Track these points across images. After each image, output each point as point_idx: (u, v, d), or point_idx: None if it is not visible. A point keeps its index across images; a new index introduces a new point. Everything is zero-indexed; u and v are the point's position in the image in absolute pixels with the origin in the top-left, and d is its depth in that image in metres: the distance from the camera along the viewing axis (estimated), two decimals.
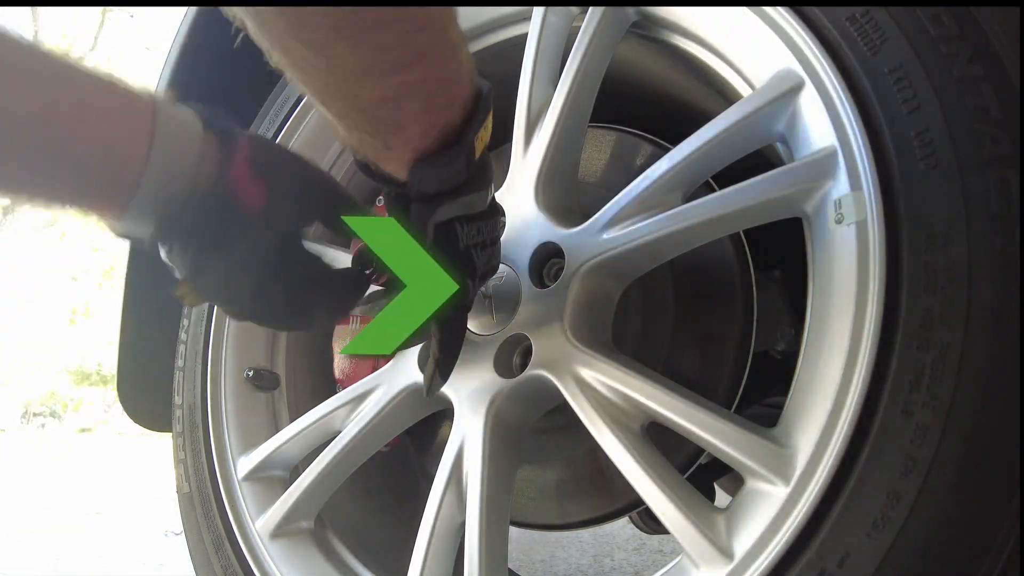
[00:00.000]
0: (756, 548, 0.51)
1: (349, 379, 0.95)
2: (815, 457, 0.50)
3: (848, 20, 0.57)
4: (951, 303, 0.48)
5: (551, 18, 0.80)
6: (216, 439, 0.90)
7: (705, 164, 0.66)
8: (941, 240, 0.49)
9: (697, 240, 0.66)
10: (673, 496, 0.57)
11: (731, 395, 0.73)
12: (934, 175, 0.50)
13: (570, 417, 0.68)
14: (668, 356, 0.76)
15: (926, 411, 0.46)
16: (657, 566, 1.46)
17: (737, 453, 0.54)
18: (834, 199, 0.56)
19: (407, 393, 0.79)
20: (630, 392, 0.62)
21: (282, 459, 0.88)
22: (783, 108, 0.61)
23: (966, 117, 0.50)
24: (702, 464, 0.75)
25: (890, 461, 0.47)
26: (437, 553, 0.70)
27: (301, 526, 0.83)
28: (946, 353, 0.47)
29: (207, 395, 0.93)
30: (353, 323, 0.97)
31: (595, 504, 0.81)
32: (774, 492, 0.52)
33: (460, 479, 0.72)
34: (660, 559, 1.61)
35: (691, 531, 0.55)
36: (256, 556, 0.81)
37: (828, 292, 0.55)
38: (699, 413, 0.57)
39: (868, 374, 0.49)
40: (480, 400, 0.72)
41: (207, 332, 0.97)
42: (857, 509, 0.47)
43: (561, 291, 0.70)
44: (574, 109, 0.75)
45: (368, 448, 0.81)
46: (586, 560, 1.63)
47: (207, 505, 0.87)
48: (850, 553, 0.47)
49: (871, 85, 0.55)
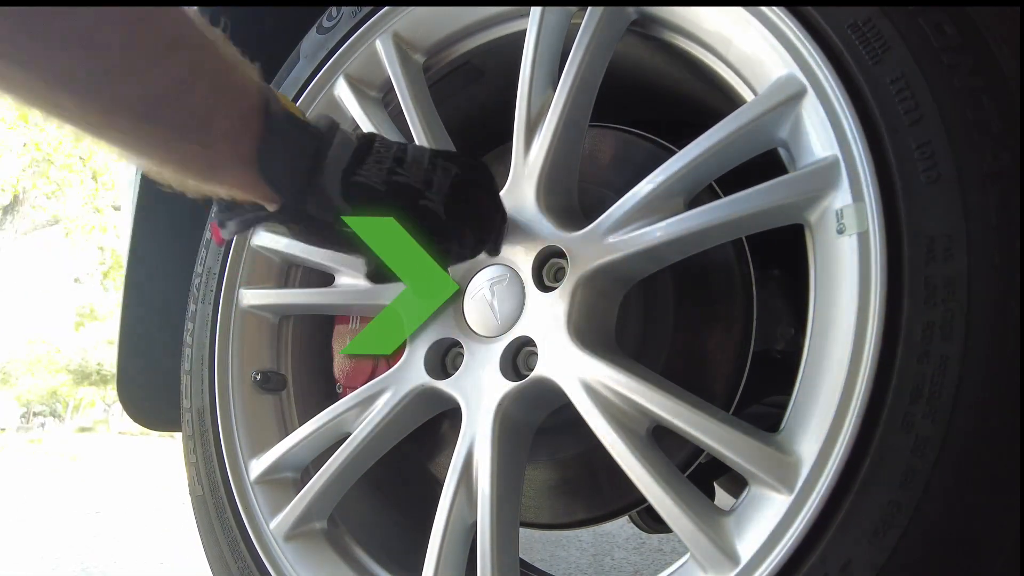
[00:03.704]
0: (761, 553, 0.53)
1: (349, 379, 0.96)
2: (818, 466, 0.52)
3: (850, 28, 0.57)
4: (951, 316, 0.49)
5: (549, 16, 0.79)
6: (227, 442, 0.91)
7: (708, 169, 0.67)
8: (942, 253, 0.50)
9: (700, 245, 0.67)
10: (680, 501, 0.58)
11: (731, 394, 0.74)
12: (935, 188, 0.51)
13: (568, 416, 0.69)
14: (668, 355, 0.78)
15: (926, 423, 0.48)
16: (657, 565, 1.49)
17: (742, 460, 0.56)
18: (836, 209, 0.57)
19: (415, 395, 0.80)
20: (635, 397, 0.63)
21: (294, 461, 0.89)
22: (785, 114, 0.61)
23: (968, 129, 0.50)
24: (702, 463, 0.77)
25: (891, 471, 0.48)
26: (450, 553, 0.72)
27: (315, 527, 0.85)
28: (946, 366, 0.48)
29: (215, 398, 0.94)
30: (353, 323, 0.98)
31: (595, 504, 0.83)
32: (778, 498, 0.54)
33: (470, 480, 0.74)
34: (660, 558, 1.64)
35: (698, 535, 0.57)
36: (272, 557, 0.83)
37: (829, 302, 0.56)
38: (704, 419, 0.59)
39: (869, 386, 0.50)
40: (488, 402, 0.73)
41: (212, 335, 0.97)
42: (859, 517, 0.49)
43: (565, 295, 0.71)
44: (575, 109, 0.75)
45: (378, 449, 0.82)
46: (586, 559, 1.66)
47: (220, 508, 0.89)
48: (852, 560, 0.49)
49: (873, 94, 0.55)
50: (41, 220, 13.53)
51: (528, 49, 0.79)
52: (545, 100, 0.78)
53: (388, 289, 0.84)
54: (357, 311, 0.95)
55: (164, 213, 1.12)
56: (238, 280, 0.99)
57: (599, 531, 1.85)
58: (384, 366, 0.91)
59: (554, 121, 0.75)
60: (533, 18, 0.79)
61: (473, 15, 0.88)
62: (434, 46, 0.93)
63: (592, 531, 1.84)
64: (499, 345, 0.75)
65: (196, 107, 0.48)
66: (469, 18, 0.88)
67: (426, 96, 0.91)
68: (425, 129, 0.86)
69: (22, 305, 15.69)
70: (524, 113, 0.78)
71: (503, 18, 0.87)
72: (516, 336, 0.75)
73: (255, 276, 0.99)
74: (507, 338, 0.75)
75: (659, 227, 0.66)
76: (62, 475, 4.97)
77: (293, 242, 0.96)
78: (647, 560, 1.63)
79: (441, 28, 0.91)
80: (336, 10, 0.97)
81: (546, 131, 0.75)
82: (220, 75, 0.49)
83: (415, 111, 0.87)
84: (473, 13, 0.88)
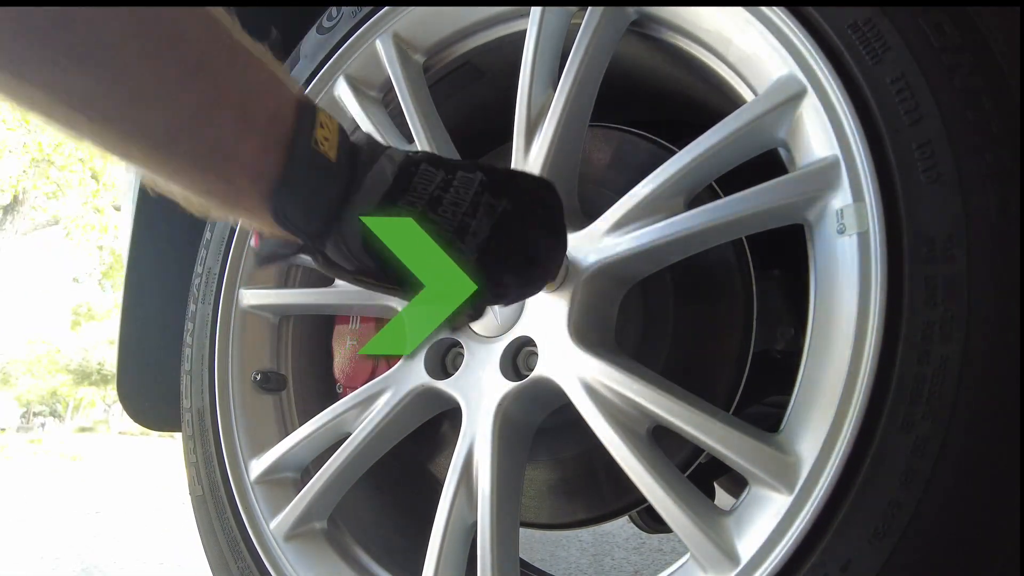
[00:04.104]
0: (761, 553, 0.53)
1: (348, 379, 0.96)
2: (818, 466, 0.52)
3: (850, 28, 0.57)
4: (951, 317, 0.49)
5: (549, 16, 0.79)
6: (227, 442, 0.91)
7: (708, 169, 0.67)
8: (942, 253, 0.50)
9: (700, 245, 0.67)
10: (680, 501, 0.58)
11: (731, 394, 0.74)
12: (936, 188, 0.51)
13: (569, 416, 0.69)
14: (668, 355, 0.78)
15: (926, 423, 0.48)
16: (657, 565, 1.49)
17: (742, 460, 0.56)
18: (836, 209, 0.57)
19: (415, 395, 0.80)
20: (635, 397, 0.63)
21: (294, 461, 0.89)
22: (785, 114, 0.61)
23: (968, 129, 0.50)
24: (702, 463, 0.77)
25: (891, 471, 0.48)
26: (450, 553, 0.72)
27: (315, 527, 0.85)
28: (946, 366, 0.48)
29: (215, 399, 0.94)
30: (353, 323, 0.98)
31: (595, 504, 0.83)
32: (778, 499, 0.54)
33: (470, 480, 0.74)
34: (660, 558, 1.64)
35: (699, 536, 0.57)
36: (272, 558, 0.83)
37: (829, 302, 0.56)
38: (705, 420, 0.59)
39: (870, 386, 0.50)
40: (488, 402, 0.73)
41: (212, 335, 0.97)
42: (859, 517, 0.49)
43: (565, 294, 0.71)
44: (575, 109, 0.75)
45: (378, 449, 0.82)
46: (586, 559, 1.65)
47: (221, 508, 0.89)
48: (852, 560, 0.49)
49: (873, 94, 0.55)
50: (41, 220, 13.55)
51: (528, 49, 0.79)
52: (545, 100, 0.78)
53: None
54: (357, 311, 0.95)
55: (164, 213, 1.12)
56: (238, 280, 0.99)
57: (599, 531, 1.84)
58: (384, 366, 0.91)
59: (554, 121, 0.75)
60: (533, 18, 0.79)
61: (473, 15, 0.88)
62: (434, 46, 0.93)
63: (592, 531, 1.84)
64: (499, 345, 0.75)
65: (218, 138, 0.44)
66: (469, 18, 0.88)
67: (426, 96, 0.91)
68: (425, 129, 0.86)
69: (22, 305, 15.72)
70: (524, 113, 0.78)
71: (503, 18, 0.87)
72: (516, 336, 0.75)
73: (255, 276, 0.99)
74: (507, 338, 0.75)
75: (659, 227, 0.66)
76: (62, 475, 4.97)
77: None
78: (647, 560, 1.63)
79: (441, 28, 0.91)
80: (336, 10, 0.97)
81: (546, 131, 0.75)
82: (246, 103, 0.44)
83: (415, 111, 0.87)
84: (473, 13, 0.88)
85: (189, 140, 0.43)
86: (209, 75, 0.42)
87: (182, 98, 0.41)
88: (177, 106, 0.41)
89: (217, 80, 0.42)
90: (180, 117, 0.41)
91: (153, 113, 0.41)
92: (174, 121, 0.42)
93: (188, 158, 0.44)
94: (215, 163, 0.45)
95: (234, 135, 0.44)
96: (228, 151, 0.44)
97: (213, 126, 0.43)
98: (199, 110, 0.42)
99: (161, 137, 0.42)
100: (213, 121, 0.43)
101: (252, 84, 0.45)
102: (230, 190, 0.47)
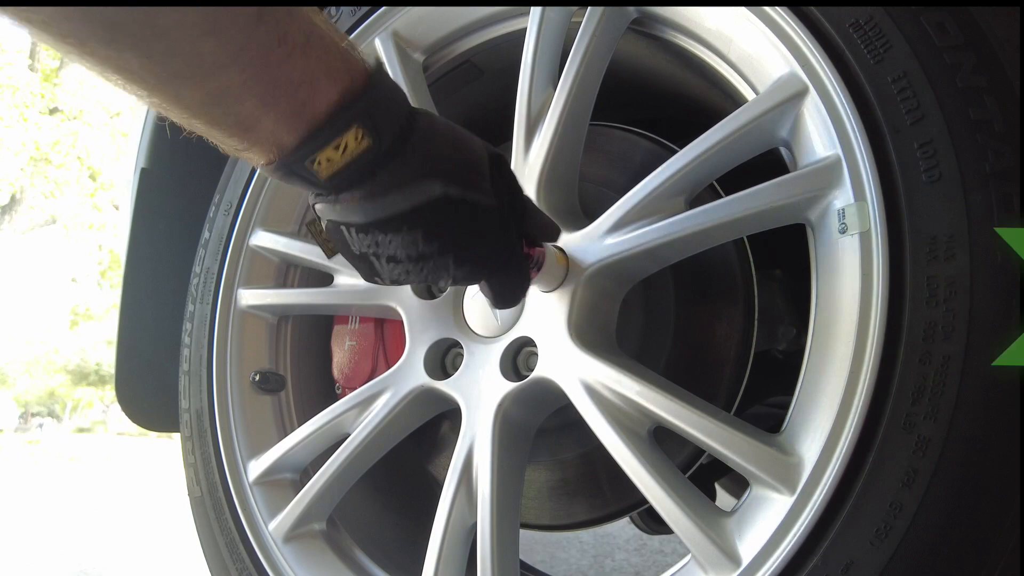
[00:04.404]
0: (763, 554, 0.53)
1: (347, 379, 0.96)
2: (819, 467, 0.52)
3: (851, 26, 0.57)
4: (953, 316, 0.49)
5: (550, 15, 0.79)
6: (225, 443, 0.91)
7: (709, 168, 0.66)
8: (944, 253, 0.50)
9: (701, 245, 0.67)
10: (681, 502, 0.58)
11: (732, 395, 0.74)
12: (937, 187, 0.51)
13: (569, 417, 0.69)
14: (669, 356, 0.77)
15: (928, 423, 0.48)
16: (658, 566, 1.49)
17: (743, 461, 0.56)
18: (837, 209, 0.56)
19: (415, 395, 0.80)
20: (636, 398, 0.63)
21: (292, 462, 0.89)
22: (787, 113, 0.61)
23: (969, 129, 0.50)
24: (703, 464, 0.77)
25: (893, 472, 0.48)
26: (450, 554, 0.72)
27: (314, 528, 0.85)
28: (948, 366, 0.48)
29: (214, 399, 0.94)
30: (352, 323, 0.98)
31: (595, 505, 0.83)
32: (780, 499, 0.54)
33: (470, 481, 0.73)
34: (661, 559, 1.63)
35: (700, 537, 0.57)
36: (271, 559, 0.83)
37: (831, 302, 0.56)
38: (706, 420, 0.59)
39: (871, 387, 0.50)
40: (488, 403, 0.73)
41: (210, 336, 0.97)
42: (861, 518, 0.49)
43: (565, 294, 0.70)
44: (575, 108, 0.75)
45: (378, 450, 0.82)
46: (587, 560, 1.65)
47: (219, 509, 0.89)
48: (854, 561, 0.49)
49: (875, 93, 0.55)
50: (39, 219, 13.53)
51: (528, 48, 0.78)
52: (545, 99, 0.78)
53: (388, 289, 0.84)
54: (356, 311, 0.95)
55: (163, 213, 1.11)
56: (236, 280, 0.98)
57: (600, 532, 1.84)
58: (384, 366, 0.91)
59: (554, 120, 0.74)
60: (533, 17, 0.79)
61: (472, 14, 0.87)
62: (433, 45, 0.92)
63: (593, 532, 1.83)
64: (499, 345, 0.75)
65: (243, 117, 0.47)
66: (468, 17, 0.88)
67: (426, 95, 0.90)
68: None
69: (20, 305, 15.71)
70: (524, 112, 0.78)
71: (503, 17, 0.87)
72: (516, 336, 0.75)
73: (253, 276, 0.99)
74: (507, 338, 0.75)
75: (660, 226, 0.66)
76: (61, 476, 4.96)
77: (292, 241, 0.96)
78: (648, 561, 1.62)
79: (440, 27, 0.91)
80: (335, 9, 0.97)
81: (546, 130, 0.75)
82: (270, 93, 0.46)
83: None
84: (472, 12, 0.87)
85: (218, 114, 0.47)
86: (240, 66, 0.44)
87: (215, 81, 0.44)
88: (210, 87, 0.44)
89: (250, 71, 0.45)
90: (211, 96, 0.45)
91: (189, 90, 0.44)
92: (206, 99, 0.45)
93: (214, 127, 0.48)
94: (230, 126, 0.48)
95: (257, 115, 0.47)
96: (246, 124, 0.48)
97: (239, 108, 0.46)
98: (229, 93, 0.45)
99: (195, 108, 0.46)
100: (240, 104, 0.46)
101: (285, 75, 0.47)
102: (248, 152, 0.50)
